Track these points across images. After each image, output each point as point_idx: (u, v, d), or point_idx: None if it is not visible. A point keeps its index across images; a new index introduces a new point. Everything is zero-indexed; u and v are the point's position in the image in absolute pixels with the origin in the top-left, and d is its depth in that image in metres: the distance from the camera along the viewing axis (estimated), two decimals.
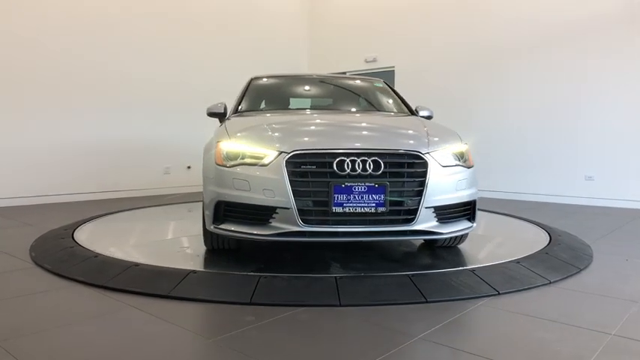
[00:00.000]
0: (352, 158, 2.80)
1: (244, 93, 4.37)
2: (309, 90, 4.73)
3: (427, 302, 2.56)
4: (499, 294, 2.70)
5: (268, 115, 3.91)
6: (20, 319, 2.28)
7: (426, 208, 2.89)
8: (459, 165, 3.12)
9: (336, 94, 4.64)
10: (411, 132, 3.35)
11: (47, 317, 2.32)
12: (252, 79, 4.59)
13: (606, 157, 6.55)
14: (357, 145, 2.95)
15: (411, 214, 2.87)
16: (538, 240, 3.95)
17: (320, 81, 4.81)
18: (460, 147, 3.24)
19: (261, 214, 2.86)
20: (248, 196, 2.85)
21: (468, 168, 3.19)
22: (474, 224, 3.23)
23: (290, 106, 4.46)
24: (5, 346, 1.96)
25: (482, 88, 7.63)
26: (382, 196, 2.80)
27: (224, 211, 2.97)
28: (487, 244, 3.94)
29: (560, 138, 6.91)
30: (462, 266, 3.10)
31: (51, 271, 3.05)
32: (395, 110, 4.27)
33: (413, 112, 4.17)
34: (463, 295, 2.65)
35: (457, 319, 2.35)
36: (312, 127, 3.47)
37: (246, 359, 1.88)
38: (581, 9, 6.67)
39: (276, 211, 2.80)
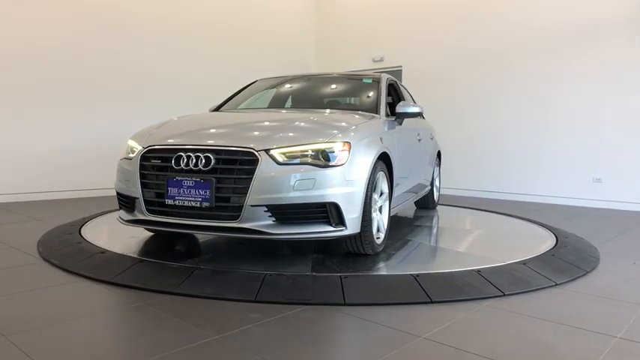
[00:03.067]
0: (188, 154, 2.94)
1: (236, 93, 4.70)
2: (289, 90, 4.72)
3: (432, 302, 2.56)
4: (504, 295, 2.69)
5: (223, 113, 4.25)
6: (27, 314, 2.30)
7: (254, 206, 2.78)
8: (306, 164, 2.86)
9: (315, 93, 4.58)
10: (282, 129, 3.21)
11: (54, 312, 2.34)
12: (255, 81, 4.87)
13: (614, 160, 6.50)
14: (205, 142, 3.01)
15: (237, 211, 2.82)
16: (544, 242, 3.93)
17: (307, 80, 4.74)
18: (323, 145, 2.93)
19: (128, 202, 3.21)
20: (120, 186, 3.29)
21: (327, 167, 2.88)
22: (344, 230, 2.93)
23: (267, 106, 4.55)
24: (13, 340, 1.98)
25: (490, 89, 7.59)
26: (207, 192, 2.84)
27: (117, 200, 3.39)
28: (493, 245, 3.93)
29: (568, 139, 6.87)
30: (468, 267, 3.09)
31: (58, 266, 3.07)
32: (364, 108, 4.04)
33: (376, 111, 3.90)
34: (468, 296, 2.64)
35: (462, 319, 2.35)
36: (194, 125, 3.47)
37: (250, 357, 1.89)
38: (588, 11, 6.62)
39: (135, 201, 3.10)
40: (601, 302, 2.66)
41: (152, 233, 3.82)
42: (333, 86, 4.66)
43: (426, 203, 5.65)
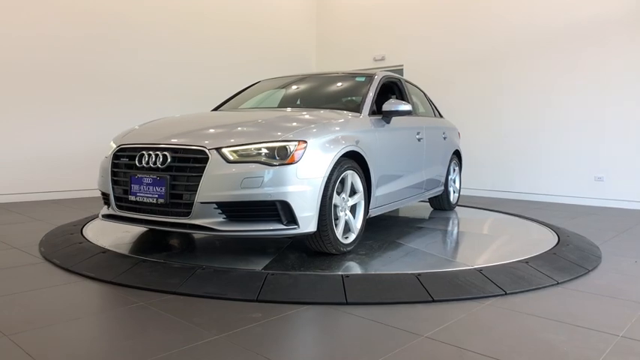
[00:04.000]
0: (149, 153, 3.07)
1: (237, 93, 4.76)
2: (284, 90, 4.74)
3: (434, 301, 2.56)
4: (506, 294, 2.69)
5: (206, 113, 4.33)
6: (29, 314, 2.31)
7: (204, 203, 2.84)
8: (257, 162, 2.87)
9: (307, 93, 4.58)
10: (244, 128, 3.27)
11: (56, 312, 2.34)
12: (259, 81, 4.90)
13: (616, 158, 6.49)
14: (164, 141, 3.11)
15: (188, 208, 2.89)
16: (546, 240, 3.93)
17: (304, 80, 4.75)
18: (276, 144, 2.94)
19: (105, 198, 3.38)
20: (99, 183, 3.44)
21: (277, 165, 2.87)
22: (296, 228, 2.93)
23: (261, 105, 4.58)
24: (15, 340, 1.98)
25: (491, 88, 7.59)
26: (163, 189, 2.95)
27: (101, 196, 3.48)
28: (495, 244, 3.93)
29: (570, 138, 6.86)
30: (470, 266, 3.09)
31: (59, 266, 3.08)
32: (348, 106, 4.03)
33: (359, 109, 3.86)
34: (470, 295, 2.64)
35: (464, 318, 2.35)
36: (166, 126, 3.54)
37: (252, 356, 1.89)
38: (589, 9, 6.61)
39: (109, 197, 3.26)
40: (603, 301, 2.65)
41: (153, 234, 3.83)
42: (326, 85, 4.62)
43: (441, 204, 5.55)
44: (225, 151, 2.90)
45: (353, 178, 3.38)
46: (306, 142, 2.99)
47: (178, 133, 3.22)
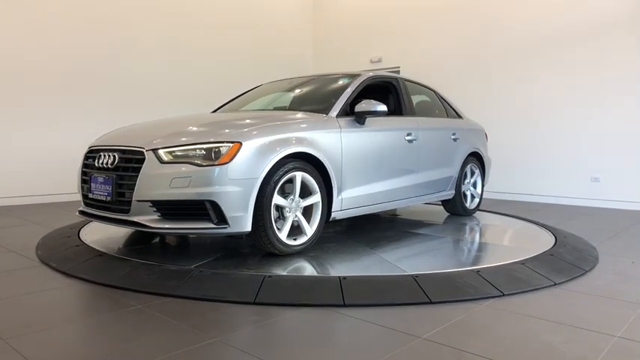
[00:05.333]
0: (105, 154, 3.30)
1: (240, 95, 4.79)
2: (273, 92, 4.78)
3: (431, 303, 2.56)
4: (504, 295, 2.70)
5: (183, 115, 4.38)
6: (26, 317, 2.30)
7: (140, 201, 3.01)
8: (188, 163, 2.98)
9: (296, 95, 4.60)
10: (191, 130, 3.37)
11: (53, 315, 2.33)
12: (262, 84, 4.96)
13: (612, 159, 6.51)
14: (116, 143, 3.34)
15: (128, 206, 3.07)
16: (543, 241, 3.93)
17: (298, 82, 4.78)
18: (209, 145, 3.03)
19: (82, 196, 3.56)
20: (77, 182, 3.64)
21: (207, 166, 2.94)
22: (227, 227, 2.98)
23: (257, 107, 4.60)
24: (12, 344, 1.97)
25: (488, 89, 7.61)
26: (110, 187, 3.17)
27: None
28: (492, 245, 3.93)
29: (566, 139, 6.88)
30: (467, 267, 3.09)
31: (57, 269, 3.07)
32: (317, 107, 3.97)
33: (327, 110, 3.82)
34: (467, 296, 2.64)
35: (461, 320, 2.35)
36: (134, 128, 3.70)
37: (250, 359, 1.89)
38: (588, 10, 6.64)
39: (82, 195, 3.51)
40: (600, 301, 2.66)
41: (153, 237, 3.82)
42: (316, 87, 4.58)
43: (455, 209, 5.26)
44: (160, 152, 3.05)
45: (305, 179, 3.36)
46: (240, 143, 3.05)
47: (131, 135, 3.42)
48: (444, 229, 4.59)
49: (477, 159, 5.46)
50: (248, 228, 3.06)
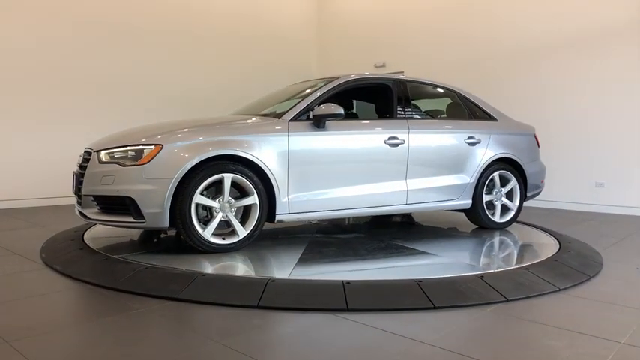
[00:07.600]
0: (83, 155, 3.67)
1: (262, 98, 4.83)
2: (281, 94, 4.71)
3: (435, 308, 2.55)
4: (507, 300, 2.69)
5: (229, 118, 4.30)
6: (30, 320, 2.31)
7: (86, 195, 3.44)
8: (116, 163, 3.35)
9: (283, 98, 4.53)
10: (132, 133, 3.66)
11: (57, 318, 2.34)
12: (292, 84, 5.03)
13: (617, 164, 6.49)
14: (91, 144, 3.68)
15: (81, 199, 3.49)
16: (547, 247, 3.92)
17: (296, 84, 4.79)
18: (134, 147, 3.36)
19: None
20: None
21: (129, 166, 3.28)
22: (144, 222, 3.24)
23: (252, 110, 4.55)
24: (16, 346, 1.98)
25: (491, 95, 7.59)
26: (76, 183, 3.56)
27: None
28: (496, 251, 3.92)
29: (570, 144, 6.86)
30: (471, 272, 3.08)
31: (61, 272, 3.08)
32: (278, 111, 3.97)
33: (283, 114, 3.81)
34: (471, 301, 2.64)
35: (465, 325, 2.34)
36: (126, 130, 3.93)
37: None
38: (590, 14, 6.63)
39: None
40: (604, 307, 2.65)
41: (155, 239, 3.84)
42: (297, 91, 4.44)
43: (477, 221, 4.67)
44: (101, 153, 3.43)
45: (238, 180, 3.42)
46: (162, 145, 3.31)
47: (107, 138, 3.72)
48: (450, 234, 4.58)
49: (512, 166, 4.81)
50: (165, 224, 3.28)
